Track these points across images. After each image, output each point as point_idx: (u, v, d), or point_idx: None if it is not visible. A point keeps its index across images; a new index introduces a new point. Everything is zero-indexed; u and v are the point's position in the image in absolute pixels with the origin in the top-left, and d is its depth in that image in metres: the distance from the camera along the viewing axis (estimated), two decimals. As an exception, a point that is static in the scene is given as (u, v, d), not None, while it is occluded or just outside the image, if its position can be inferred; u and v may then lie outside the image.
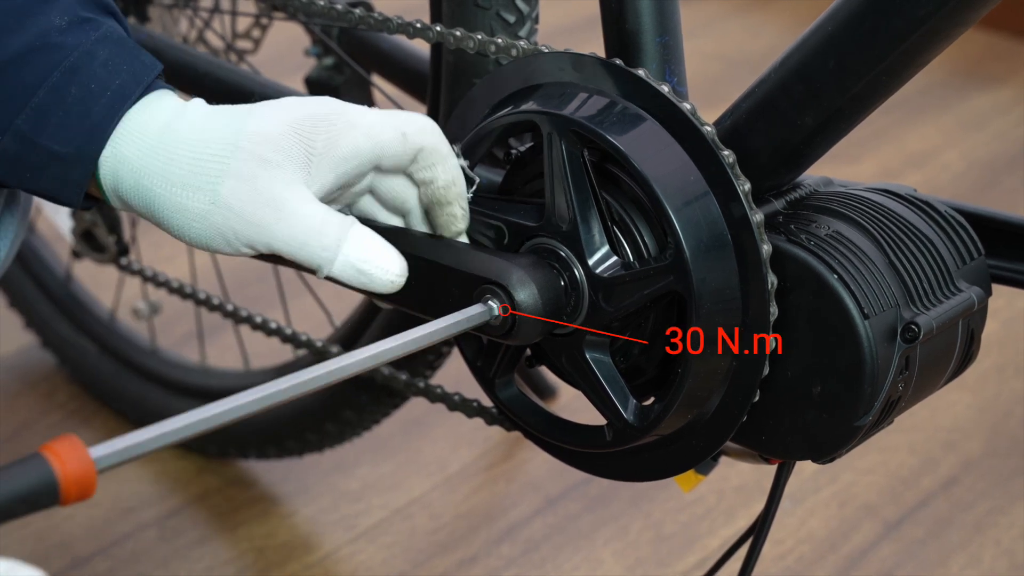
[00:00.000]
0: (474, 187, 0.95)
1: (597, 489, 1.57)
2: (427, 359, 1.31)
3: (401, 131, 0.89)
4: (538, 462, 1.60)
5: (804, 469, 1.58)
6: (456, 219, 0.93)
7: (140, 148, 0.87)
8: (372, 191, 0.93)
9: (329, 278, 0.89)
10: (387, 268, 0.88)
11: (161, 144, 0.87)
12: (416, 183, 0.93)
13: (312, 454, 1.52)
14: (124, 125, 0.87)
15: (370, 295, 0.93)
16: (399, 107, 1.30)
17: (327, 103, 0.89)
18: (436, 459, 1.62)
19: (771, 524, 1.03)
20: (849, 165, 2.18)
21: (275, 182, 0.86)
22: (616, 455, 0.97)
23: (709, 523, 1.53)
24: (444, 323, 0.88)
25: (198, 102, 0.90)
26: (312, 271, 0.89)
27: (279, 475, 1.58)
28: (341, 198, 0.92)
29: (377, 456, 1.61)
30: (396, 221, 0.95)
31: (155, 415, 1.61)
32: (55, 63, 0.86)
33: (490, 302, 0.89)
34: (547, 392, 1.67)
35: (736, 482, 1.57)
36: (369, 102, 1.46)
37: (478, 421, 1.53)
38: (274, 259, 0.90)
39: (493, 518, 1.54)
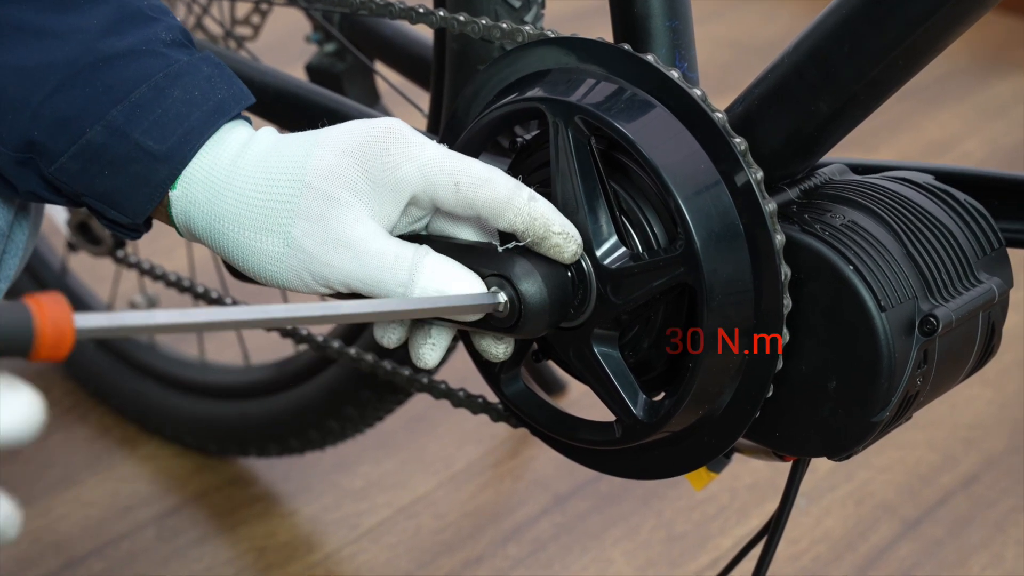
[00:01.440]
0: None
1: (607, 487, 1.56)
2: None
3: (454, 180, 0.86)
4: (546, 459, 1.60)
5: (819, 467, 1.58)
6: (561, 249, 0.88)
7: (210, 190, 0.87)
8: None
9: None
10: None
11: (230, 185, 0.87)
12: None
13: (314, 451, 1.52)
14: (195, 163, 0.87)
15: None
16: (402, 94, 1.29)
17: (389, 129, 0.87)
18: (441, 456, 1.61)
19: (786, 523, 1.03)
20: (866, 153, 2.16)
21: (345, 221, 0.86)
22: (626, 452, 0.96)
23: (722, 522, 1.53)
24: (451, 299, 0.86)
25: (265, 132, 0.90)
26: None
27: (280, 473, 1.58)
28: (417, 222, 0.90)
29: (380, 453, 1.61)
30: (472, 234, 0.91)
31: (153, 411, 1.63)
32: (160, 67, 0.87)
33: (497, 293, 0.88)
34: (556, 388, 1.66)
35: (749, 480, 1.57)
36: (372, 89, 1.45)
37: (483, 417, 1.52)
38: (354, 294, 0.89)
39: (500, 517, 1.54)
